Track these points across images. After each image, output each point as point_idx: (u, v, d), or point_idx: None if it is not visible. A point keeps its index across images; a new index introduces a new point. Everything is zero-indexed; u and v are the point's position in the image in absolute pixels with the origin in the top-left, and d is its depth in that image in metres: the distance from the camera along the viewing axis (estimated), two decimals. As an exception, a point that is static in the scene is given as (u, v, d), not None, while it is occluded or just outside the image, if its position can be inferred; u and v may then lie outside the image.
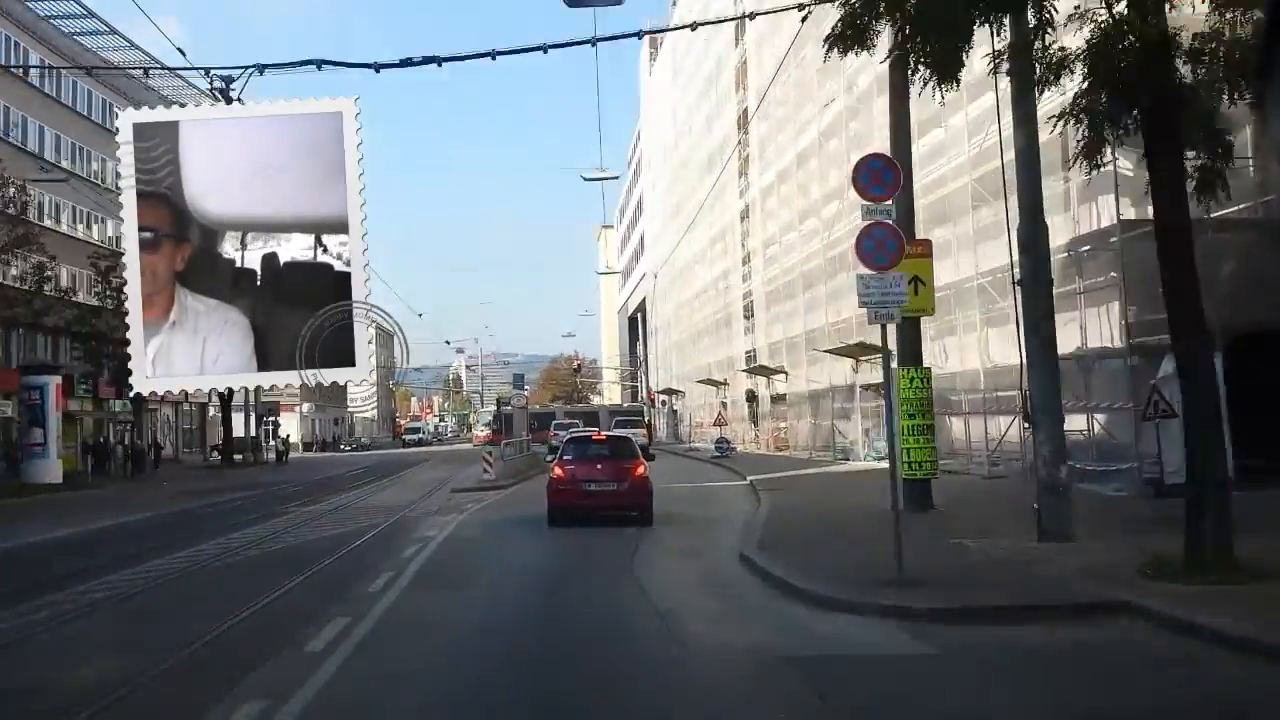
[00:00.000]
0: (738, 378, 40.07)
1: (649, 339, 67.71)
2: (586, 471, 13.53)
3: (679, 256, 51.77)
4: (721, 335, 44.00)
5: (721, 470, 25.62)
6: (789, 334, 31.67)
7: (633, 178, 73.98)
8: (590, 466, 13.61)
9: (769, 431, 35.15)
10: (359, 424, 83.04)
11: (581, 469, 13.59)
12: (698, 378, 47.52)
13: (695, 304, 50.95)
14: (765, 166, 34.65)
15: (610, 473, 13.54)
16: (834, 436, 26.59)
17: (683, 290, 54.60)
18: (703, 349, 48.65)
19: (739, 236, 39.57)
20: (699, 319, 49.83)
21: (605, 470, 13.55)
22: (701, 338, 48.87)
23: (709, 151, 42.66)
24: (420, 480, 25.75)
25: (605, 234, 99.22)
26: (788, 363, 31.76)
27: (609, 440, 15.30)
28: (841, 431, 26.29)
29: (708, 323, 47.18)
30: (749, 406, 38.31)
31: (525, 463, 26.91)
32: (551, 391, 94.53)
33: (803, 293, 30.11)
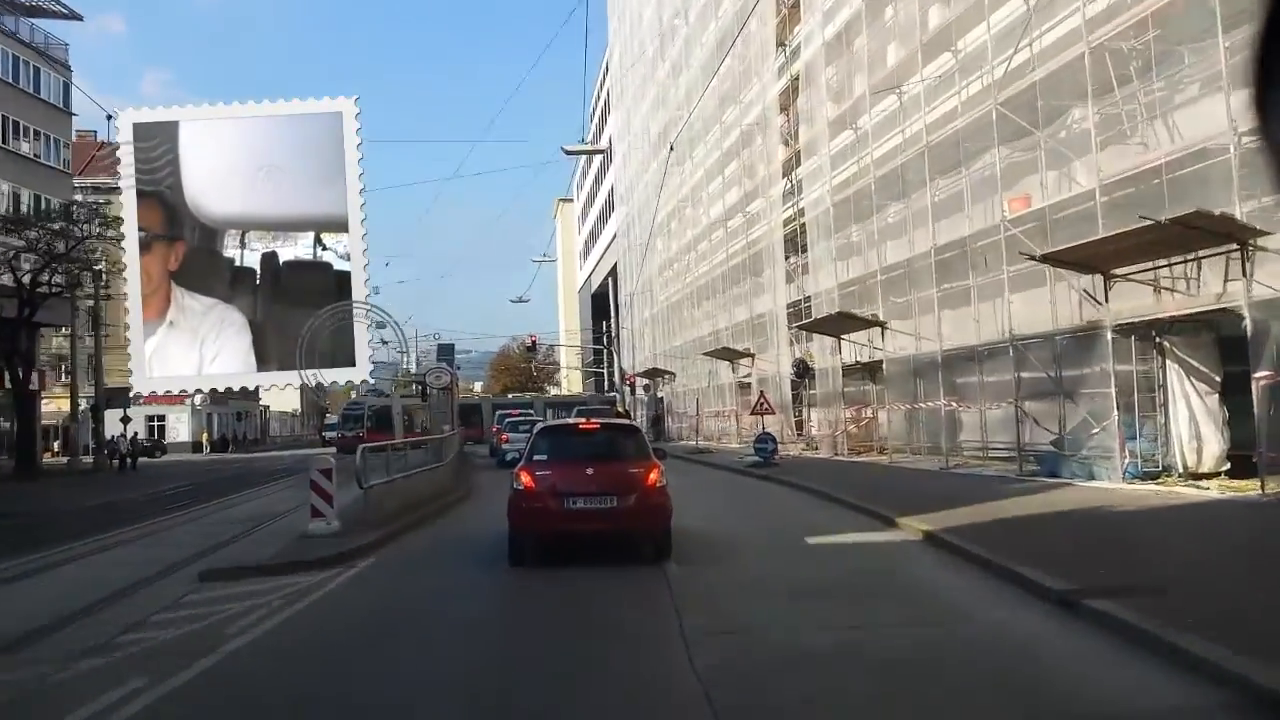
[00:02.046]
0: (772, 344, 30.73)
1: (620, 312, 57.53)
2: (570, 479, 9.21)
3: (668, 197, 41.18)
4: (741, 289, 34.31)
5: (792, 494, 16.39)
6: (889, 263, 22.41)
7: (596, 130, 66.59)
8: (576, 472, 9.28)
9: (833, 423, 25.35)
10: (279, 420, 77.93)
11: (563, 475, 9.26)
12: (702, 350, 37.54)
13: (693, 255, 42.09)
14: (832, 10, 25.03)
15: (608, 481, 9.22)
16: (1021, 431, 16.28)
17: (672, 242, 45.70)
18: (707, 312, 39.16)
19: (777, 137, 30.12)
20: (699, 274, 40.69)
21: (600, 477, 9.24)
22: (704, 298, 39.59)
23: (719, 31, 33.11)
24: (209, 525, 14.48)
25: (563, 208, 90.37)
26: (884, 311, 22.18)
27: (605, 431, 10.65)
28: (1042, 423, 15.93)
29: (714, 275, 37.82)
30: (795, 386, 29.17)
31: (446, 480, 16.91)
32: (503, 383, 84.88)
33: (926, 184, 20.29)
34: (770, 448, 21.04)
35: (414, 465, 14.87)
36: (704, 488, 16.95)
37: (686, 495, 12.01)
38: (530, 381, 77.95)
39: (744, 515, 13.04)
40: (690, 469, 22.35)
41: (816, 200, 25.58)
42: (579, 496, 9.13)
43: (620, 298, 55.64)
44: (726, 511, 13.39)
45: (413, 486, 13.52)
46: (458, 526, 12.25)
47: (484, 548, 9.78)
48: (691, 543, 9.59)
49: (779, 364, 28.98)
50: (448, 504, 14.39)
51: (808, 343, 26.16)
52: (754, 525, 11.95)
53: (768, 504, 14.59)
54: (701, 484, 17.79)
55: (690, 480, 17.65)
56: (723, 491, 16.76)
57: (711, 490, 16.79)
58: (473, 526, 11.54)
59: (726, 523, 11.97)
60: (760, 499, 15.40)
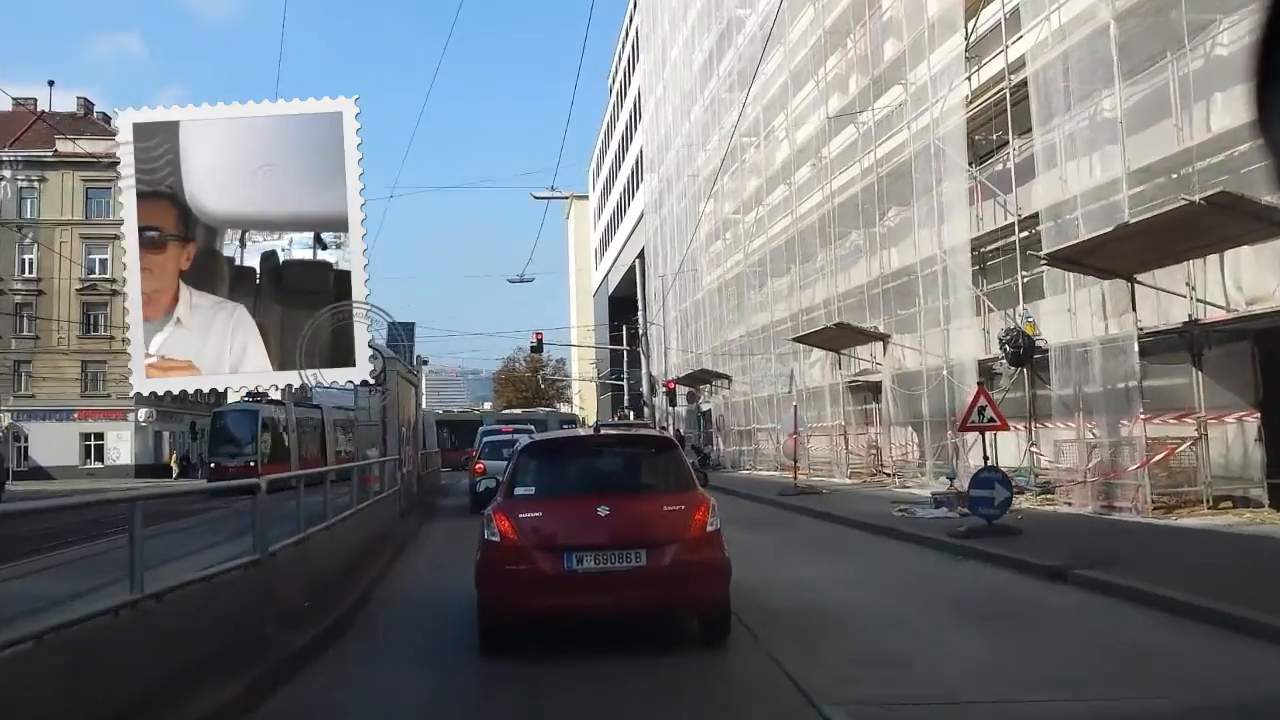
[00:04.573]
0: (931, 313, 20.13)
1: (648, 307, 46.57)
2: (573, 525, 6.51)
3: (719, 145, 31.29)
4: (852, 242, 24.34)
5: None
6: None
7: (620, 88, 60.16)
8: (581, 512, 6.54)
9: (1101, 449, 14.24)
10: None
11: (560, 518, 6.63)
12: (789, 338, 26.83)
13: (760, 211, 31.33)
14: None
15: (632, 525, 6.45)
16: None
17: (725, 203, 34.74)
18: (786, 286, 29.08)
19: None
20: (774, 233, 29.94)
21: (619, 520, 6.43)
22: (782, 267, 29.34)
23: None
24: None
25: (575, 207, 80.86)
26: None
27: (623, 447, 7.97)
28: None
29: (803, 228, 27.29)
30: (985, 376, 17.82)
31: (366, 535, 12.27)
32: (508, 398, 76.71)
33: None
34: (1000, 499, 12.16)
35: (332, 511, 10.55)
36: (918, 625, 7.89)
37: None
38: (538, 396, 67.49)
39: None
40: (829, 542, 13.71)
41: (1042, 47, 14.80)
42: (586, 552, 6.25)
43: (648, 289, 44.26)
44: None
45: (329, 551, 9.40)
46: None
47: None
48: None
49: (949, 347, 17.46)
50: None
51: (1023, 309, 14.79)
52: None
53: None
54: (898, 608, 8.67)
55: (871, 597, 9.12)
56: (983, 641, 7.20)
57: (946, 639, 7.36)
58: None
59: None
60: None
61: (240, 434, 29.07)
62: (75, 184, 49.36)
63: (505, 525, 6.44)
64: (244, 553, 7.14)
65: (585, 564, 6.26)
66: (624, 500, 6.67)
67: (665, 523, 6.51)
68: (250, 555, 7.02)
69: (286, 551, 7.81)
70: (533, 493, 6.78)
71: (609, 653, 6.27)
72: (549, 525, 6.50)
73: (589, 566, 6.25)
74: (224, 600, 6.32)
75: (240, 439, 28.97)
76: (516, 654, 6.36)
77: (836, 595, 8.91)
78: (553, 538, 6.40)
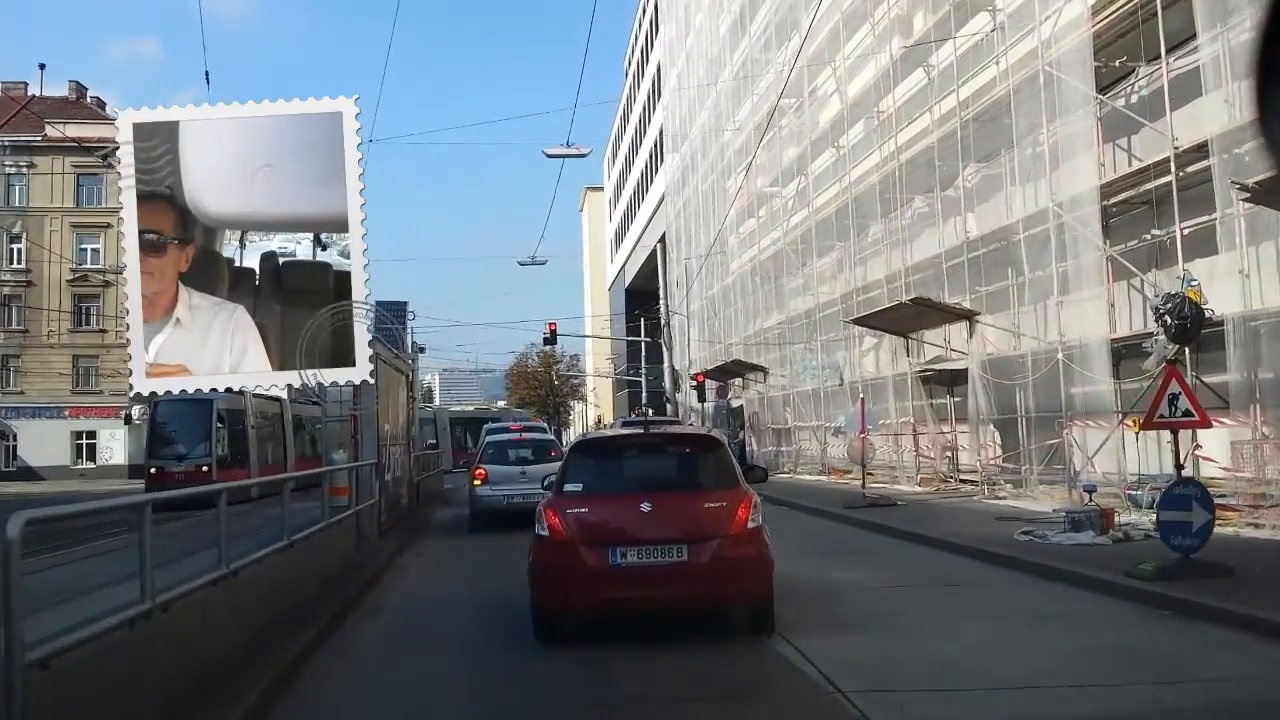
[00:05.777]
0: (1046, 277, 15.91)
1: (669, 296, 42.81)
2: (619, 520, 6.82)
3: (752, 111, 28.36)
4: (923, 208, 20.91)
5: None
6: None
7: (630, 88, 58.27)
8: (626, 508, 6.85)
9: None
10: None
11: (606, 514, 6.94)
12: (846, 320, 22.81)
13: (801, 182, 26.95)
14: None
15: (675, 521, 6.78)
16: None
17: (759, 177, 29.94)
18: (833, 265, 25.36)
19: None
20: (818, 206, 25.75)
21: (662, 515, 6.76)
22: (827, 243, 25.36)
23: None
24: None
25: (589, 198, 78.96)
26: None
27: (670, 446, 8.12)
28: None
29: (858, 194, 23.07)
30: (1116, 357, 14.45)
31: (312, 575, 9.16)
32: (520, 395, 72.60)
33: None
34: (1200, 524, 8.63)
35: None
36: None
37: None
38: (551, 393, 64.36)
39: None
40: (956, 581, 10.12)
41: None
42: (630, 546, 6.57)
43: (669, 277, 40.47)
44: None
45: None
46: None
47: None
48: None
49: (1061, 324, 13.74)
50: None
51: (1182, 270, 11.02)
52: None
53: None
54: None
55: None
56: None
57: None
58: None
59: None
60: None
61: (189, 431, 23.45)
62: (66, 170, 47.78)
63: (554, 521, 6.69)
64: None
65: (629, 559, 6.47)
66: (667, 497, 6.91)
67: (707, 519, 6.72)
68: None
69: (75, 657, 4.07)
70: (581, 489, 7.00)
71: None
72: (595, 521, 6.74)
73: (632, 561, 6.46)
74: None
75: (189, 437, 23.49)
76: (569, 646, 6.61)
77: (1047, 703, 5.55)
78: (598, 533, 6.65)
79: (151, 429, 24.29)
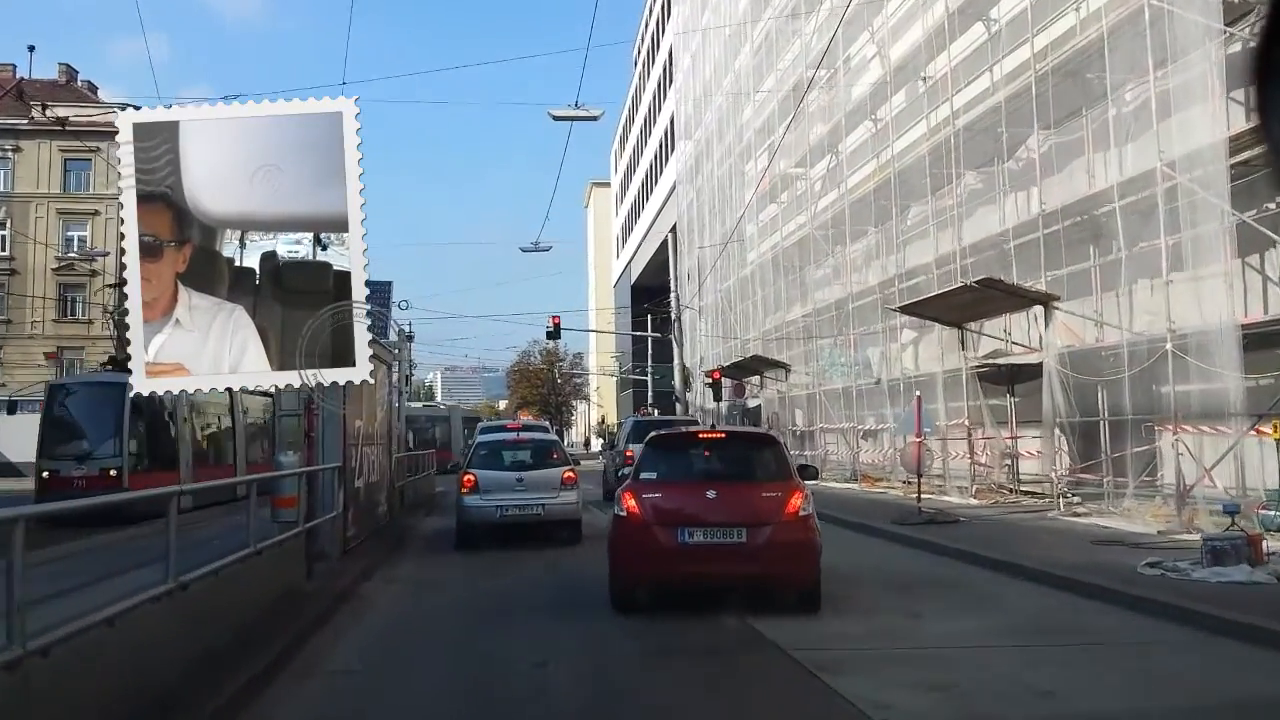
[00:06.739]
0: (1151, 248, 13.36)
1: (680, 289, 39.79)
2: (687, 505, 7.86)
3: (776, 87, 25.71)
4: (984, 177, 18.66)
5: None
6: None
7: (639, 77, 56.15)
8: (693, 495, 7.95)
9: None
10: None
11: (676, 499, 7.98)
12: (893, 307, 19.66)
13: (831, 161, 24.92)
14: None
15: (735, 508, 7.76)
16: None
17: (781, 159, 26.78)
18: (867, 249, 23.26)
19: None
20: (851, 186, 23.52)
21: (725, 502, 7.80)
22: (863, 226, 23.14)
23: None
24: None
25: (595, 194, 77.51)
26: None
27: (733, 442, 9.35)
28: None
29: (904, 168, 20.69)
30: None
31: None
32: (521, 395, 71.58)
33: None
34: None
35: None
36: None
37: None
38: (553, 392, 62.43)
39: None
40: (1086, 639, 7.18)
41: None
42: (696, 528, 7.62)
43: (680, 269, 38.09)
44: None
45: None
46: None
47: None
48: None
49: (1170, 307, 11.96)
50: None
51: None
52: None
53: None
54: None
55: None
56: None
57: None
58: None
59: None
60: None
61: (94, 423, 18.35)
62: (53, 154, 45.62)
63: (631, 504, 7.78)
64: None
65: (695, 538, 7.50)
66: (729, 486, 7.92)
67: (763, 506, 7.65)
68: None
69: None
70: (654, 477, 8.06)
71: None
72: (666, 505, 7.77)
73: (698, 540, 7.49)
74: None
75: (94, 431, 18.30)
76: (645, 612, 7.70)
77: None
78: (669, 515, 7.66)
79: (46, 421, 18.76)
